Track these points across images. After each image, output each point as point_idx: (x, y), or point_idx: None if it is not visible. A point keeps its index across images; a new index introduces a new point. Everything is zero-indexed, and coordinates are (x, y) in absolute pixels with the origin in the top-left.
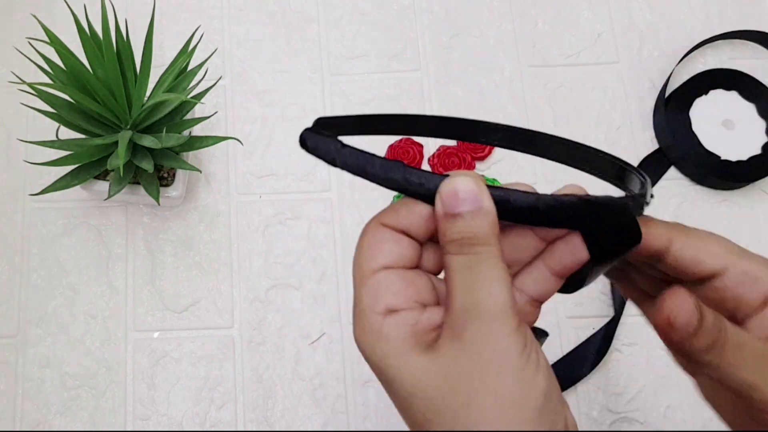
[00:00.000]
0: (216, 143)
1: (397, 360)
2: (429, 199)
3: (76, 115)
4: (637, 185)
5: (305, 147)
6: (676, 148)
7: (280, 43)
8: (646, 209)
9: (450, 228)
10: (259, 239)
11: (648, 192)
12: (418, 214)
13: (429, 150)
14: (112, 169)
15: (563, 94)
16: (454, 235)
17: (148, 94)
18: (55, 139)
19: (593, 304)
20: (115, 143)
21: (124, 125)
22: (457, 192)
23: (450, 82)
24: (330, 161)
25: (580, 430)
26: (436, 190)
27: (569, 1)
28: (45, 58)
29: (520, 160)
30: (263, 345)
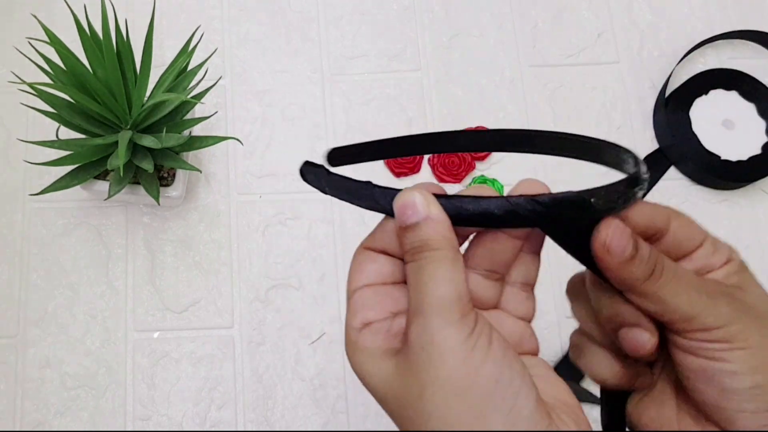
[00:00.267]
0: (216, 143)
1: (371, 366)
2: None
3: (76, 115)
4: (631, 165)
5: (303, 178)
6: (676, 148)
7: (280, 43)
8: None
9: (404, 239)
10: (259, 239)
11: (641, 171)
12: (390, 232)
13: None
14: (112, 169)
15: (563, 94)
16: (407, 246)
17: (148, 94)
18: (55, 139)
19: None
20: (115, 143)
21: (124, 125)
22: (406, 205)
23: (450, 82)
24: (321, 189)
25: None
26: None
27: (569, 1)
28: (45, 58)
29: (519, 161)
30: (263, 345)
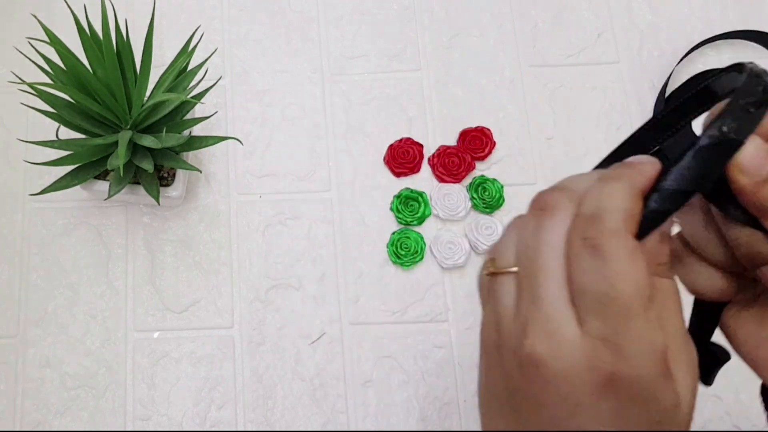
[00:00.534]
0: (216, 143)
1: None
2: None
3: (76, 115)
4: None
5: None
6: (676, 148)
7: (280, 43)
8: None
9: None
10: (259, 239)
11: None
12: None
13: (429, 150)
14: (112, 169)
15: (563, 94)
16: None
17: (148, 94)
18: (55, 139)
19: None
20: (115, 143)
21: (124, 125)
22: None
23: (450, 82)
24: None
25: None
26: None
27: (569, 1)
28: (45, 58)
29: (519, 161)
30: (263, 345)
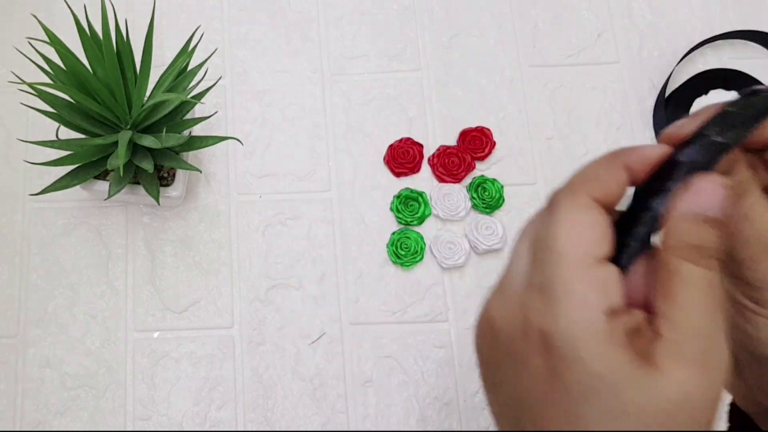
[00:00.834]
0: (216, 143)
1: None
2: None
3: (76, 115)
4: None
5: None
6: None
7: (280, 43)
8: None
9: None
10: (259, 239)
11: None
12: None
13: (429, 150)
14: (112, 169)
15: (563, 94)
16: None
17: (148, 94)
18: (55, 139)
19: None
20: (115, 143)
21: (124, 125)
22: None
23: (450, 82)
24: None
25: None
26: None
27: (569, 1)
28: (45, 58)
29: (519, 161)
30: (263, 345)
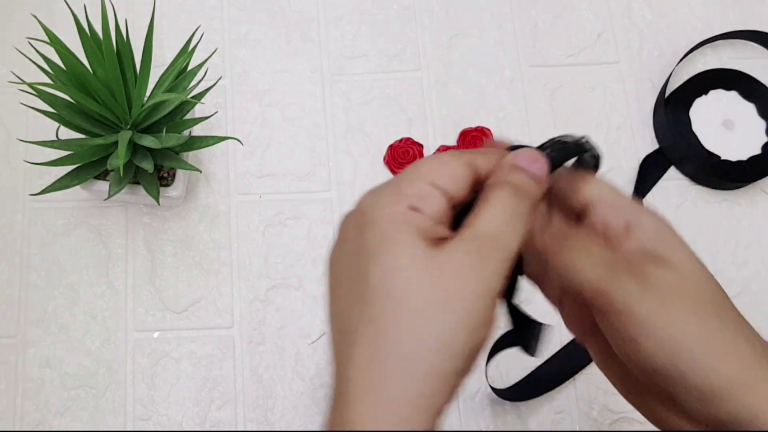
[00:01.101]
0: (216, 143)
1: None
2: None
3: (76, 115)
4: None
5: None
6: (676, 148)
7: (280, 43)
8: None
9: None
10: (259, 239)
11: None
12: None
13: (429, 150)
14: (112, 169)
15: (563, 94)
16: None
17: (148, 94)
18: (55, 139)
19: None
20: (115, 143)
21: (124, 125)
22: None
23: (450, 82)
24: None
25: (580, 430)
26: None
27: (569, 1)
28: (45, 58)
29: None
30: (263, 345)
